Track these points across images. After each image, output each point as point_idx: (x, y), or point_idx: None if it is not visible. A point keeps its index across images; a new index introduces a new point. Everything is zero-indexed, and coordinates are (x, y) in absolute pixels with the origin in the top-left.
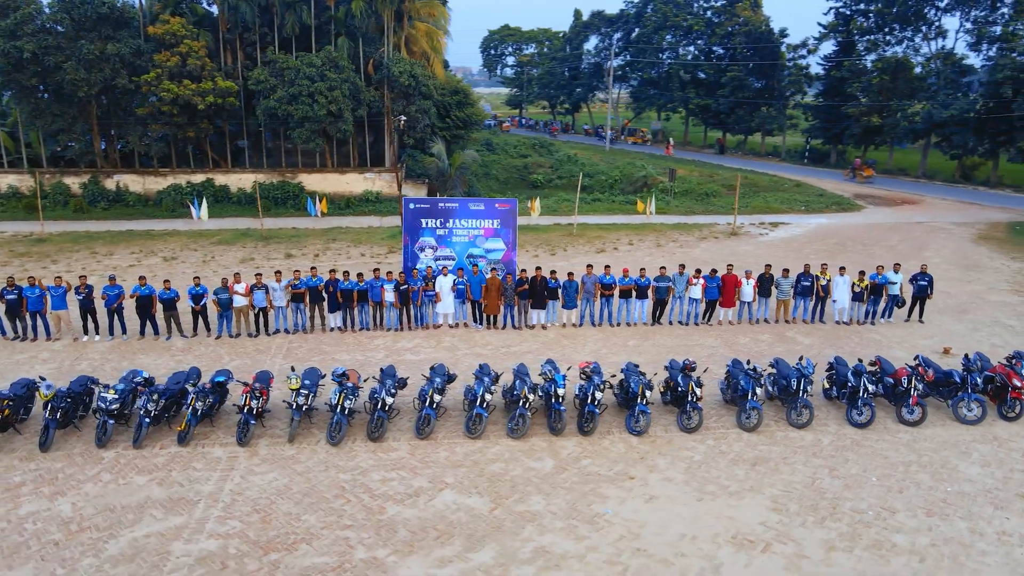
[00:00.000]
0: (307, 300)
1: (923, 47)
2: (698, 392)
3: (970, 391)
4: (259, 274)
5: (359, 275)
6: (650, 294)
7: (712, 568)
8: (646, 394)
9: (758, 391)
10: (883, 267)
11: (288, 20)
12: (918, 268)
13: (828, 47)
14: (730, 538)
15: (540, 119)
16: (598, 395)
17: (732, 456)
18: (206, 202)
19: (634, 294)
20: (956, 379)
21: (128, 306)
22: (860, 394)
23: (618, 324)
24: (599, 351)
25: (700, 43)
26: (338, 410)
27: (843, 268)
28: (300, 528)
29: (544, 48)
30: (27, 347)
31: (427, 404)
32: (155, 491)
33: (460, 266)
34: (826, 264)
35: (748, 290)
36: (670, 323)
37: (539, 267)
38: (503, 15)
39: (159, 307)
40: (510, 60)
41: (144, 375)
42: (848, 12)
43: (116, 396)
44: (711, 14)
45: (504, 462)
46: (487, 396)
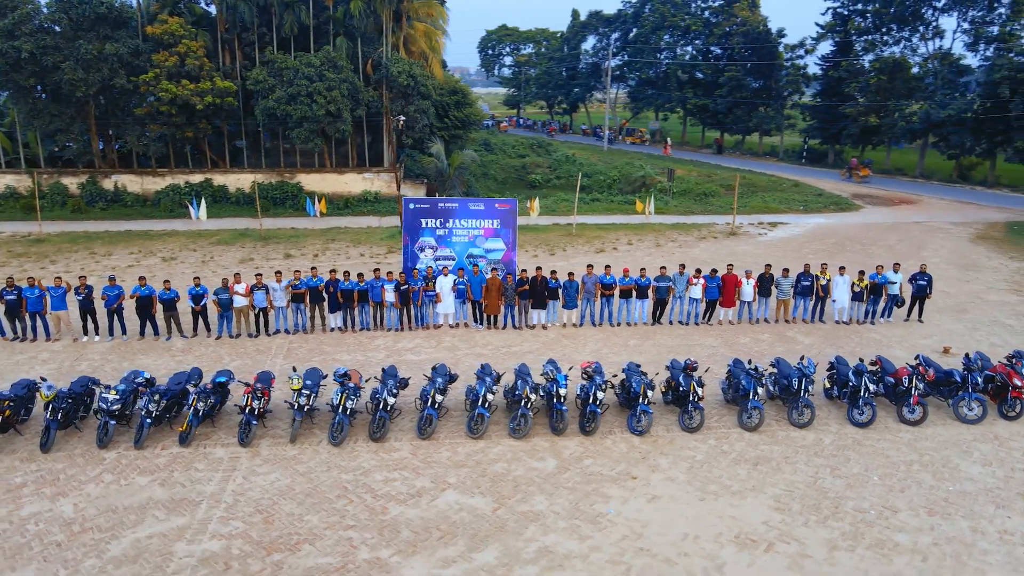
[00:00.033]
0: (307, 300)
1: (920, 47)
2: (700, 392)
3: (971, 390)
4: (259, 274)
5: (359, 275)
6: (650, 294)
7: (715, 567)
8: (648, 394)
9: (759, 391)
10: (883, 267)
11: (286, 20)
12: (917, 268)
13: (826, 47)
14: (733, 537)
15: (538, 119)
16: (600, 395)
17: (734, 456)
18: (205, 202)
19: (634, 294)
20: (957, 378)
21: (128, 306)
22: (861, 393)
23: (618, 324)
24: (600, 351)
25: (698, 43)
26: (340, 410)
27: (843, 268)
28: (303, 528)
29: (542, 48)
30: (27, 348)
31: (429, 404)
32: (157, 492)
33: (460, 266)
34: (826, 264)
35: (748, 290)
36: (670, 323)
37: (539, 267)
38: (501, 15)
39: (159, 307)
40: (508, 60)
41: (145, 375)
42: (846, 12)
43: (117, 397)
44: (709, 14)
45: (506, 462)
46: (489, 396)
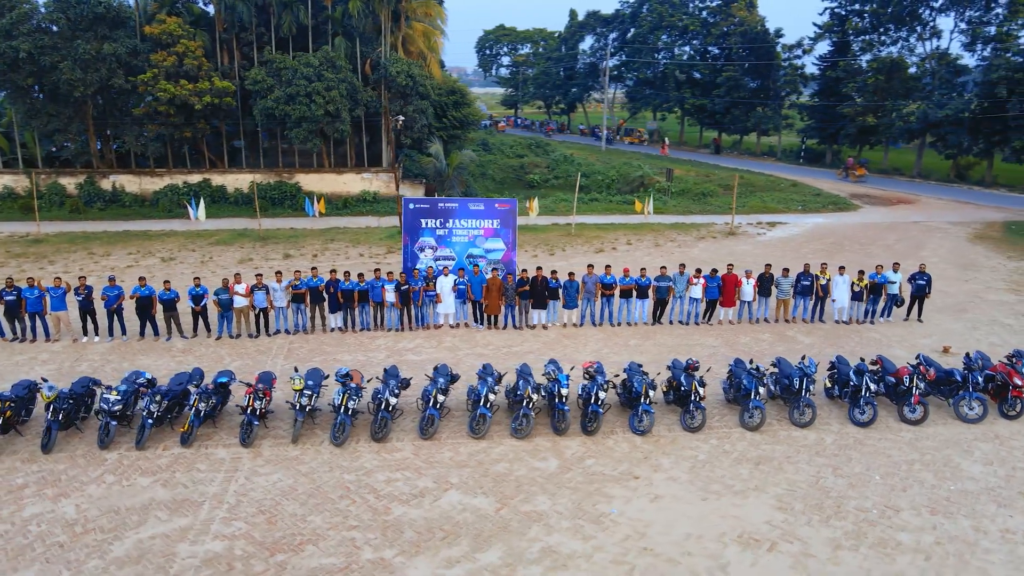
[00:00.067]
0: (308, 300)
1: (918, 47)
2: (701, 391)
3: (971, 390)
4: (260, 274)
5: (360, 275)
6: (651, 294)
7: (719, 567)
8: (649, 394)
9: (761, 390)
10: (882, 266)
11: (285, 20)
12: (916, 267)
13: (823, 47)
14: (736, 537)
15: (536, 119)
16: (601, 395)
17: (736, 455)
18: (203, 202)
19: (635, 294)
20: (957, 378)
21: (128, 307)
22: (862, 393)
23: (619, 324)
24: (600, 351)
25: (696, 43)
26: (342, 410)
27: (843, 267)
28: (306, 529)
29: (539, 48)
30: (26, 348)
31: (431, 404)
32: (159, 492)
33: (460, 266)
34: (826, 264)
35: (748, 290)
36: (671, 323)
37: (540, 267)
38: (498, 15)
39: (159, 308)
40: (505, 60)
41: (147, 376)
42: (843, 12)
43: (119, 397)
44: (707, 14)
45: (508, 462)
46: (491, 396)
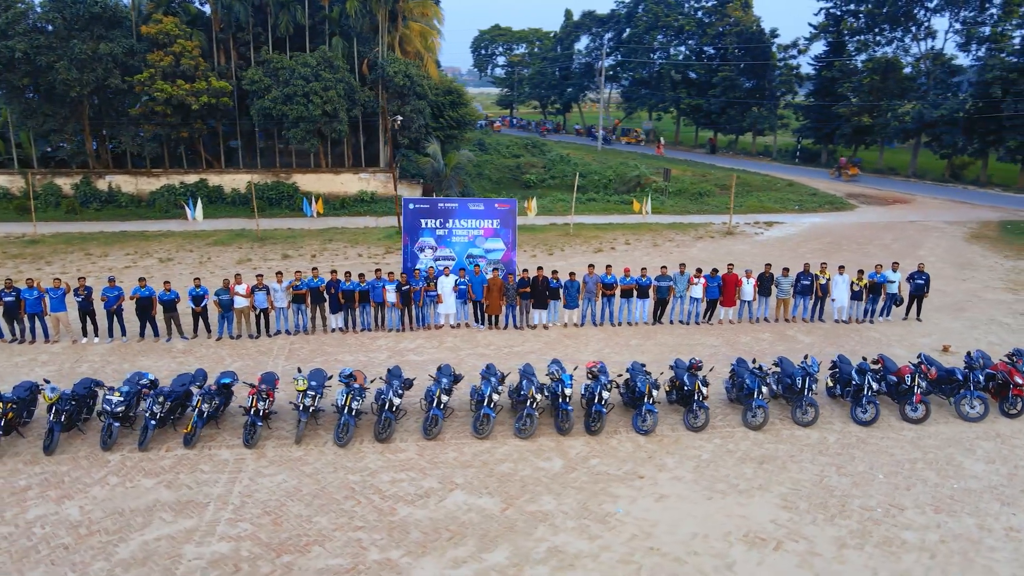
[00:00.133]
0: (308, 301)
1: (913, 47)
2: (704, 391)
3: (972, 389)
4: (260, 275)
5: (360, 276)
6: (651, 294)
7: (725, 566)
8: (653, 393)
9: (764, 390)
10: (881, 266)
11: (282, 20)
12: (914, 267)
13: (819, 47)
14: (742, 536)
15: (531, 119)
16: (605, 395)
17: (740, 455)
18: (200, 203)
19: (635, 294)
20: (959, 377)
21: (128, 308)
22: (864, 392)
23: (620, 324)
24: (602, 351)
25: (691, 43)
26: (345, 411)
27: (842, 267)
28: (312, 530)
29: (535, 48)
30: (26, 350)
31: (434, 405)
32: (163, 494)
33: (460, 266)
34: (825, 263)
35: (748, 289)
36: (671, 322)
37: (540, 267)
38: (493, 15)
39: (159, 309)
40: (501, 60)
41: (149, 377)
42: (838, 13)
43: (121, 399)
44: (702, 14)
45: (513, 462)
46: (494, 396)
